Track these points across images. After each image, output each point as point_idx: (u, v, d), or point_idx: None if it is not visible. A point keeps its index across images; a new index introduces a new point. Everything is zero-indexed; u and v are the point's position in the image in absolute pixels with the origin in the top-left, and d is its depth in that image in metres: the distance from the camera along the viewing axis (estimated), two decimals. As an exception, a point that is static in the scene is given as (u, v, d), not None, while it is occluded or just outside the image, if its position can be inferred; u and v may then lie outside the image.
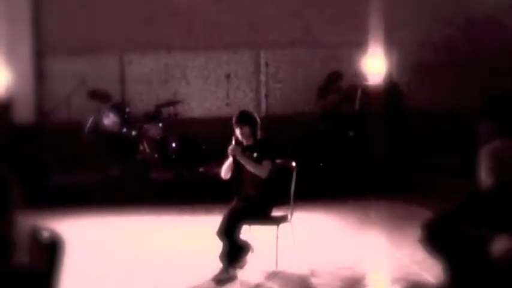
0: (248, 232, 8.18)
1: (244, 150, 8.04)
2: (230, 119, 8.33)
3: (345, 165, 13.17)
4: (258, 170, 7.93)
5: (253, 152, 8.04)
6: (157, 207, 11.97)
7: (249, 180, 8.05)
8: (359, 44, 14.20)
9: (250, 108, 13.27)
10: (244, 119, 8.12)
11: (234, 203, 8.10)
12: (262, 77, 15.16)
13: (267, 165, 7.96)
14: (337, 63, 14.65)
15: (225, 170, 8.12)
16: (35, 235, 4.30)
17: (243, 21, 15.40)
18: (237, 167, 8.03)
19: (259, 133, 8.19)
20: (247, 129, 8.07)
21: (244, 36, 15.44)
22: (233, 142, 8.04)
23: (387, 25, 13.95)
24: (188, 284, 7.76)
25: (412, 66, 14.20)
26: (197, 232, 10.06)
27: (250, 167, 7.93)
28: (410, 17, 14.82)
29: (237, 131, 8.08)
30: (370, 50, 14.08)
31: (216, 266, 7.78)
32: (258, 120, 8.22)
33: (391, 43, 13.98)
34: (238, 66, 15.31)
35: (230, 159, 8.03)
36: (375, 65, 13.91)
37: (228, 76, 14.52)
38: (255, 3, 15.40)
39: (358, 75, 14.03)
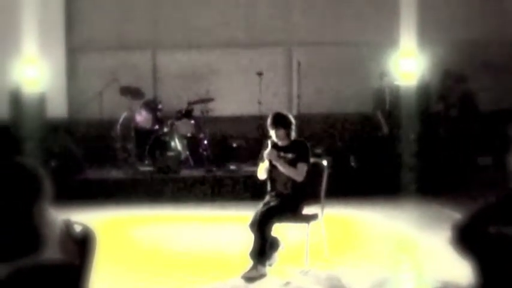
0: (278, 229, 8.19)
1: (279, 150, 8.06)
2: (262, 117, 8.37)
3: (378, 164, 13.14)
4: (294, 174, 7.95)
5: (289, 153, 8.06)
6: (188, 204, 12.05)
7: (282, 179, 8.08)
8: (393, 43, 14.14)
9: (282, 107, 13.29)
10: (279, 121, 8.11)
11: (266, 199, 8.13)
12: (294, 76, 15.14)
13: (302, 168, 7.97)
14: (370, 63, 14.61)
15: (261, 173, 8.14)
16: (66, 229, 4.34)
17: (275, 19, 15.43)
18: (271, 168, 8.07)
19: (293, 134, 8.21)
20: (282, 132, 8.06)
21: (276, 34, 15.47)
22: (269, 145, 8.04)
23: (421, 23, 13.89)
24: (217, 281, 7.79)
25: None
26: (227, 229, 10.11)
27: (286, 171, 7.95)
28: (445, 15, 14.81)
29: (272, 133, 8.08)
30: (404, 50, 14.01)
31: (246, 263, 7.80)
32: (293, 121, 8.22)
33: (426, 42, 13.91)
34: (270, 64, 15.30)
35: (266, 163, 8.04)
36: (408, 65, 13.83)
37: (260, 74, 14.51)
38: (288, 1, 15.43)
39: (389, 75, 13.94)
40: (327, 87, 15.26)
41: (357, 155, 13.52)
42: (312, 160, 8.29)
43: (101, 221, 10.20)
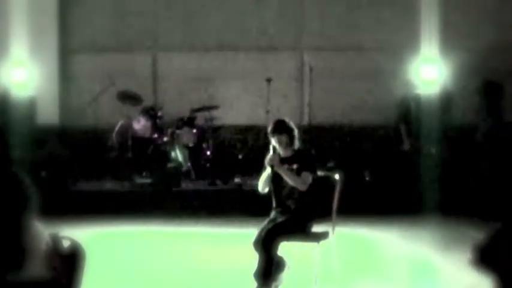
0: (285, 248, 8.16)
1: (283, 161, 8.04)
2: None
3: (396, 180, 13.10)
4: (297, 182, 7.92)
5: (292, 163, 8.03)
6: (189, 220, 12.02)
7: (288, 193, 8.05)
8: (413, 49, 14.13)
9: (293, 116, 13.26)
10: (280, 127, 8.11)
11: (272, 215, 8.10)
12: (306, 83, 15.11)
13: (306, 176, 7.94)
14: (388, 70, 14.59)
15: (263, 184, 8.12)
16: (53, 244, 4.33)
17: (286, 21, 15.41)
18: (275, 177, 8.03)
19: (297, 143, 8.19)
20: (284, 139, 8.05)
21: (287, 37, 15.45)
22: (271, 152, 8.04)
23: (443, 28, 13.88)
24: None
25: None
26: (231, 248, 10.08)
27: (289, 178, 7.92)
28: (469, 18, 14.78)
29: (274, 141, 8.07)
30: (425, 55, 13.99)
31: (249, 284, 7.77)
32: (295, 128, 8.21)
33: (449, 48, 13.89)
34: (280, 70, 15.26)
35: (268, 171, 8.02)
36: (429, 72, 13.82)
37: (268, 80, 14.48)
38: (300, 2, 15.42)
39: (413, 84, 13.89)
40: (340, 96, 15.20)
41: (373, 170, 13.50)
42: (323, 173, 8.27)
43: (93, 237, 10.18)
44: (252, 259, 7.80)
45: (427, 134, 13.21)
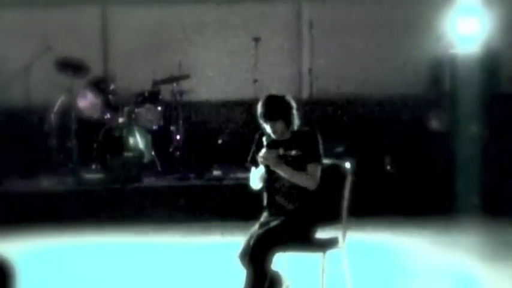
0: (281, 260, 8.17)
1: (279, 146, 7.96)
2: (258, 101, 8.24)
3: (426, 170, 13.14)
4: (304, 181, 7.81)
5: (291, 149, 7.96)
6: (153, 226, 12.04)
7: (285, 188, 8.02)
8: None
9: (288, 87, 13.27)
10: (275, 108, 7.92)
11: (263, 218, 8.08)
12: (305, 42, 15.14)
13: (314, 170, 7.85)
14: (413, 23, 14.62)
15: (256, 180, 8.07)
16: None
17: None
18: (269, 169, 7.97)
19: (297, 122, 8.06)
20: (280, 126, 7.92)
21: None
22: (263, 141, 7.90)
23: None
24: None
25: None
26: (209, 261, 10.11)
27: (292, 177, 7.83)
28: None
29: (266, 128, 7.95)
30: (463, 5, 14.03)
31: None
32: (293, 105, 8.07)
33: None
34: (271, 26, 15.31)
35: (261, 168, 7.94)
36: (468, 27, 13.86)
37: (257, 40, 14.50)
38: None
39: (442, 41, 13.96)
40: (351, 59, 15.24)
41: (395, 156, 13.52)
42: (328, 161, 8.23)
43: (26, 251, 10.19)
44: (238, 275, 7.81)
45: (466, 107, 13.24)
